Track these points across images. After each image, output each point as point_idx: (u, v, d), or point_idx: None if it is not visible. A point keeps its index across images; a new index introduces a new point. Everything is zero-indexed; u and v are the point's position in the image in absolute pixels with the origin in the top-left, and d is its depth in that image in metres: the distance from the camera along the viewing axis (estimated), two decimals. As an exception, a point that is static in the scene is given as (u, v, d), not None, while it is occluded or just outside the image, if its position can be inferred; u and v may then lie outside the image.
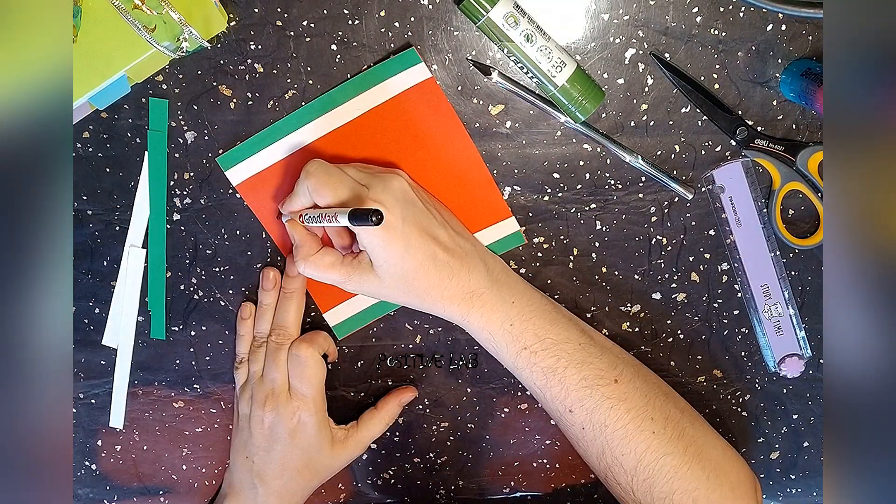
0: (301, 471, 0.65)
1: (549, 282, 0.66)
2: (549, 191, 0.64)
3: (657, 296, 0.67)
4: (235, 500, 0.67)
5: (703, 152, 0.63)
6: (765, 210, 0.64)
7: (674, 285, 0.66)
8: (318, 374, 0.64)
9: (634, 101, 0.62)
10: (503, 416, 0.70)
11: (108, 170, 0.64)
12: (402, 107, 0.61)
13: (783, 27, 0.60)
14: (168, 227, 0.65)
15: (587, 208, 0.64)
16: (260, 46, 0.60)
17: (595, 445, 0.59)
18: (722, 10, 0.60)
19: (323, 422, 0.65)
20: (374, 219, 0.51)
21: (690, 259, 0.66)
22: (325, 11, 0.60)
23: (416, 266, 0.57)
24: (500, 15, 0.57)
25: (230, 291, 0.67)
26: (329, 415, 0.66)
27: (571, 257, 0.65)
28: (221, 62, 0.61)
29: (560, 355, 0.59)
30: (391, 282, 0.57)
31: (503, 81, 0.60)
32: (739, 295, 0.66)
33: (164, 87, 0.61)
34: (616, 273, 0.66)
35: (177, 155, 0.63)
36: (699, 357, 0.68)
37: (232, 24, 0.60)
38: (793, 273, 0.66)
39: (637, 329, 0.67)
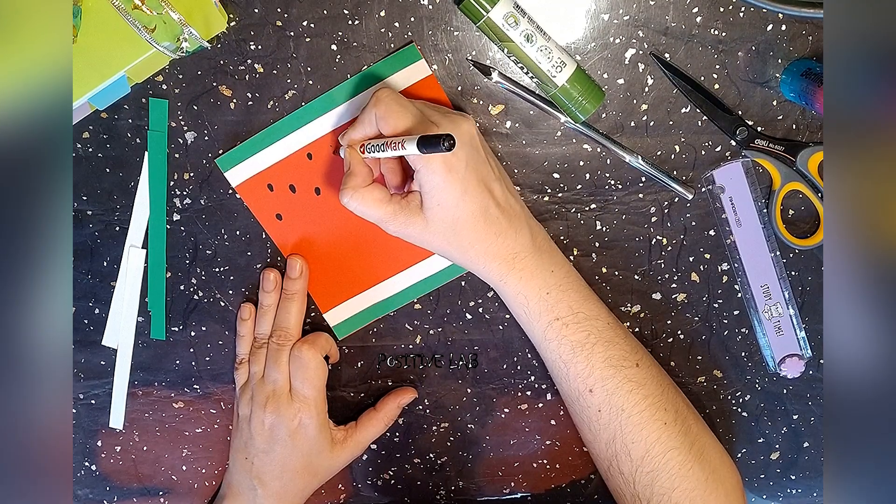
0: (301, 472, 0.65)
1: (549, 282, 0.66)
2: (549, 191, 0.64)
3: (657, 296, 0.67)
4: (234, 500, 0.66)
5: (703, 152, 0.63)
6: (765, 210, 0.64)
7: (674, 285, 0.66)
8: (319, 376, 0.64)
9: (634, 101, 0.62)
10: (503, 416, 0.70)
11: (108, 170, 0.64)
12: None
13: (783, 27, 0.60)
14: (168, 227, 0.65)
15: (587, 208, 0.64)
16: (260, 46, 0.60)
17: (608, 430, 0.59)
18: (722, 10, 0.60)
19: (323, 423, 0.65)
20: (445, 144, 0.48)
21: (690, 259, 0.66)
22: (325, 11, 0.60)
23: (468, 215, 0.55)
24: (500, 15, 0.56)
25: (230, 292, 0.67)
26: (329, 415, 0.66)
27: (571, 257, 0.65)
28: (221, 62, 0.61)
29: (590, 331, 0.59)
30: (438, 227, 0.56)
31: (503, 81, 0.60)
32: (739, 295, 0.66)
33: (164, 87, 0.61)
34: (616, 273, 0.66)
35: (177, 155, 0.63)
36: (699, 357, 0.68)
37: (232, 24, 0.60)
38: (793, 273, 0.66)
39: (637, 329, 0.67)
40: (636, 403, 0.59)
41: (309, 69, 0.61)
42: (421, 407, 0.70)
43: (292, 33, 0.60)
